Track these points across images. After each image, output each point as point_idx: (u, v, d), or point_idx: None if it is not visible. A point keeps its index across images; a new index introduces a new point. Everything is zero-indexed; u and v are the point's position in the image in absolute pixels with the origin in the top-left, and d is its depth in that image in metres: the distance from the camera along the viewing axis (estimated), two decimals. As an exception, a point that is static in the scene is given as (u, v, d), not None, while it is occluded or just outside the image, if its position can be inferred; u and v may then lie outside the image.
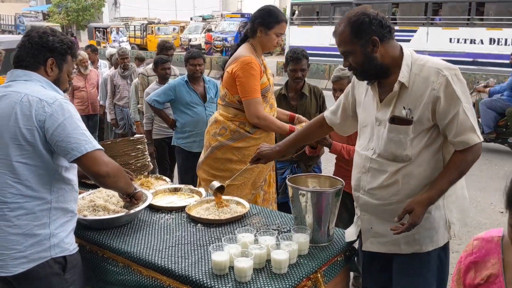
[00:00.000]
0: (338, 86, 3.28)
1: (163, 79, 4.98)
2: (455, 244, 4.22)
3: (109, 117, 6.66)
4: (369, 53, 2.03)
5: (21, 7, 42.52)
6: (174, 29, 31.84)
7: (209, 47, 25.84)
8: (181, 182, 4.45)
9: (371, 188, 2.14)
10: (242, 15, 29.38)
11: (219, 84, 3.44)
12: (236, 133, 3.09)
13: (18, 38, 10.36)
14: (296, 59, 3.65)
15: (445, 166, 2.04)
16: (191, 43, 27.42)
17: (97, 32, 29.58)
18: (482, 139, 2.01)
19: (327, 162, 4.45)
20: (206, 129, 3.28)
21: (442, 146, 2.07)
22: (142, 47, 27.98)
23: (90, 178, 2.08)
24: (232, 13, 33.08)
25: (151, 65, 5.44)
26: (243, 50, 3.08)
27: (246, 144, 3.10)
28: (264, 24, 3.03)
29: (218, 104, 3.26)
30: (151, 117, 4.94)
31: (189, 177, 4.21)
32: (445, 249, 2.18)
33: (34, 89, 1.97)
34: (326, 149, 3.35)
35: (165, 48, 5.58)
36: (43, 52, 2.02)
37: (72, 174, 2.09)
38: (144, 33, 29.68)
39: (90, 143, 1.95)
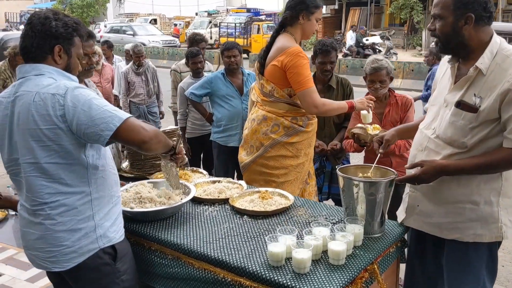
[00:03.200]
0: (377, 78, 3.22)
1: (196, 74, 4.86)
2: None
3: None
4: (458, 27, 1.98)
5: (26, 4, 42.43)
6: (179, 24, 31.73)
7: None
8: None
9: None
10: (248, 10, 29.30)
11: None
12: (291, 129, 3.02)
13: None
14: (326, 52, 3.57)
15: (487, 153, 2.00)
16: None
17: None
18: None
19: (354, 154, 4.40)
20: (253, 128, 3.09)
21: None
22: (245, 49, 20.22)
23: (135, 148, 1.98)
24: (238, 8, 33.00)
25: (183, 61, 5.35)
26: (287, 41, 2.99)
27: (300, 139, 3.05)
28: (307, 9, 2.95)
29: (263, 101, 3.09)
30: (185, 113, 4.82)
31: (225, 172, 4.17)
32: (493, 249, 2.14)
33: (44, 84, 1.84)
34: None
35: (195, 41, 5.42)
36: (48, 40, 1.87)
37: (105, 158, 2.00)
38: (248, 32, 24.51)
39: (116, 116, 1.82)
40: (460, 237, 2.11)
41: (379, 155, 2.33)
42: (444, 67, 2.22)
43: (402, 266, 2.46)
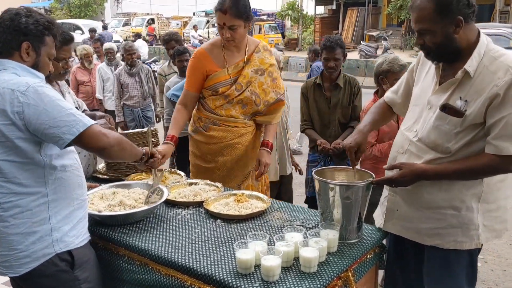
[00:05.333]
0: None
1: (182, 72, 4.72)
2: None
3: (117, 119, 6.15)
4: (450, 34, 1.87)
5: (23, 2, 42.36)
6: (177, 24, 31.62)
7: (152, 39, 26.76)
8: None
9: None
10: (246, 10, 29.10)
11: None
12: (194, 125, 3.06)
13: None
14: (329, 48, 3.47)
15: (467, 158, 1.92)
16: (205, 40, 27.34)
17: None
18: None
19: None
20: None
21: None
22: None
23: (95, 154, 1.93)
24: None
25: (166, 63, 5.27)
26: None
27: (203, 139, 2.99)
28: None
29: None
30: (172, 113, 4.74)
31: None
32: (473, 255, 2.08)
33: (5, 79, 1.78)
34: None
35: (165, 41, 5.38)
36: (16, 36, 1.82)
37: (68, 158, 1.93)
38: (249, 33, 25.09)
39: (80, 121, 1.77)
40: (441, 243, 2.04)
41: (356, 166, 2.23)
42: (427, 65, 2.12)
43: (382, 273, 2.39)
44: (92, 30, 14.81)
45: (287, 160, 3.83)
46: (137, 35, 17.95)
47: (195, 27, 25.59)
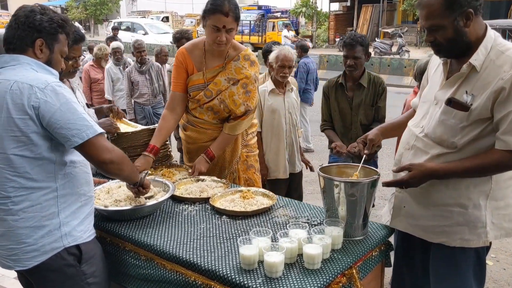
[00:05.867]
0: None
1: None
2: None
3: (128, 117, 6.08)
4: (461, 27, 1.84)
5: (39, 1, 42.87)
6: (191, 22, 31.72)
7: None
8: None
9: None
10: (259, 7, 29.19)
11: None
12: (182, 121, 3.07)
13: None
14: (349, 45, 3.32)
15: (476, 155, 1.89)
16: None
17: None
18: None
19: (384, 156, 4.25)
20: None
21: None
22: (259, 47, 18.70)
23: (93, 165, 1.95)
24: (249, 5, 32.89)
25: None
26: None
27: (184, 137, 3.03)
28: (203, 12, 2.67)
29: None
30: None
31: None
32: (481, 253, 2.04)
33: (24, 74, 1.82)
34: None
35: (176, 39, 5.37)
36: (30, 32, 1.86)
37: (77, 155, 1.95)
38: (263, 30, 21.58)
39: (91, 127, 1.82)
40: (447, 241, 2.02)
41: (364, 156, 2.22)
42: (436, 62, 2.10)
43: (389, 271, 2.37)
44: (115, 28, 14.84)
45: (296, 158, 3.82)
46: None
47: (288, 27, 23.40)
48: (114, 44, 6.84)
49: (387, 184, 2.03)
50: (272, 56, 3.58)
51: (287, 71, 3.54)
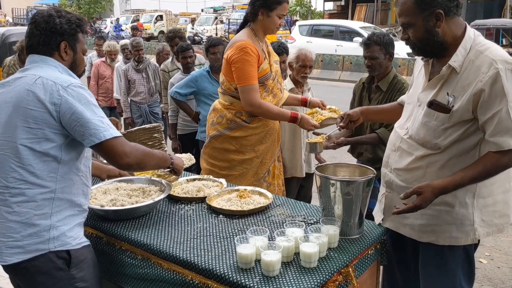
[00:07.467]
0: None
1: (186, 69, 4.75)
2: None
3: (124, 115, 6.17)
4: (431, 27, 1.88)
5: (33, 0, 42.64)
6: (185, 20, 31.68)
7: (140, 34, 26.27)
8: None
9: (397, 168, 2.09)
10: (254, 6, 29.03)
11: None
12: (233, 122, 3.00)
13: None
14: (366, 45, 3.17)
15: (476, 160, 1.90)
16: (200, 35, 27.24)
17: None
18: None
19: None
20: (207, 118, 3.20)
21: (481, 143, 1.91)
22: None
23: (112, 165, 2.01)
24: (244, 4, 32.84)
25: (169, 60, 5.28)
26: (241, 35, 2.97)
27: (243, 134, 3.00)
28: (265, 6, 2.89)
29: (218, 92, 3.16)
30: (176, 110, 4.73)
31: None
32: (469, 251, 2.06)
33: (50, 73, 1.89)
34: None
35: (174, 38, 5.36)
36: (53, 37, 1.93)
37: (83, 164, 1.99)
38: None
39: (108, 130, 1.86)
40: (436, 240, 2.04)
41: (338, 128, 2.35)
42: (420, 64, 2.13)
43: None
44: (134, 28, 14.74)
45: (312, 158, 3.83)
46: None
47: None
48: (122, 42, 6.84)
49: (398, 213, 1.95)
50: (292, 56, 3.59)
51: (308, 71, 3.56)
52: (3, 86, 1.93)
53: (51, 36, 1.92)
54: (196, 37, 26.48)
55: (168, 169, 2.34)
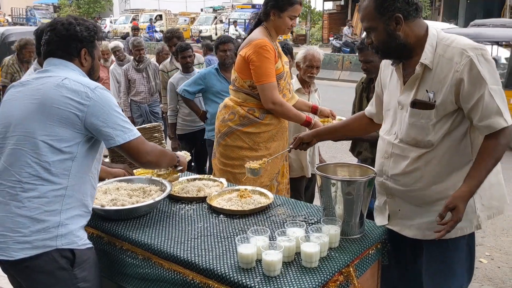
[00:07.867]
0: None
1: (185, 68, 4.75)
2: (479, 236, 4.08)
3: (124, 115, 6.16)
4: (391, 31, 1.95)
5: (32, 0, 42.60)
6: (184, 20, 31.66)
7: (137, 33, 26.31)
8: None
9: (394, 174, 2.08)
10: (253, 6, 29.16)
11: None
12: (245, 118, 3.00)
13: (29, 29, 10.27)
14: (359, 49, 3.19)
15: (478, 153, 1.92)
16: (202, 34, 27.23)
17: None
18: (510, 123, 1.86)
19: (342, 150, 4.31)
20: (217, 115, 3.19)
21: (470, 131, 1.96)
22: None
23: (133, 163, 2.12)
24: (243, 4, 32.86)
25: (168, 60, 5.27)
26: (257, 33, 2.98)
27: (256, 130, 3.00)
28: (277, 6, 2.91)
29: (229, 89, 3.16)
30: (176, 109, 4.73)
31: None
32: (472, 239, 2.10)
33: (73, 75, 1.94)
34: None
35: (172, 38, 5.37)
36: (74, 43, 1.99)
37: (94, 167, 2.02)
38: None
39: (132, 131, 1.96)
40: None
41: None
42: (389, 70, 2.16)
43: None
44: (135, 28, 14.69)
45: (316, 159, 3.82)
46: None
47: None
48: (112, 43, 6.77)
49: (441, 235, 1.88)
50: (299, 56, 3.59)
51: (315, 71, 3.57)
52: (23, 85, 1.98)
53: (71, 42, 1.97)
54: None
55: (175, 166, 2.42)
